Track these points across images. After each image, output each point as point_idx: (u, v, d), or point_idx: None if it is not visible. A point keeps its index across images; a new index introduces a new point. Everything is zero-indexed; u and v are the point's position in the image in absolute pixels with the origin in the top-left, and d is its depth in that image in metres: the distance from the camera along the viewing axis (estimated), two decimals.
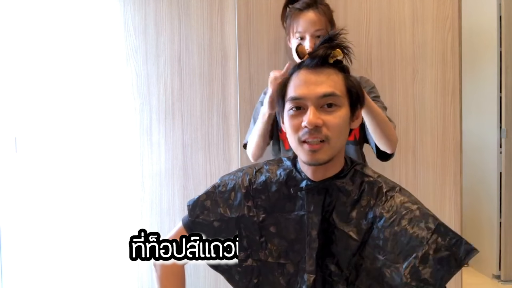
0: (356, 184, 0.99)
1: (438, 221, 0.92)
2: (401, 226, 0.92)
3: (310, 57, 0.97)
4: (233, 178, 1.08)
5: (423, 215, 0.93)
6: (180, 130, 1.93)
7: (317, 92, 0.93)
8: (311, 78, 0.95)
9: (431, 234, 0.90)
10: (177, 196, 1.94)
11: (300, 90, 0.95)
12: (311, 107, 0.93)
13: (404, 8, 1.89)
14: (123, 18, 1.90)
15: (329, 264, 0.97)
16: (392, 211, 0.94)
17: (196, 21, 1.91)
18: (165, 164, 1.93)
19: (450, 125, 1.92)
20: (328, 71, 0.96)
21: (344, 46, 0.97)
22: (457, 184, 1.93)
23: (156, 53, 1.91)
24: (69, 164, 1.93)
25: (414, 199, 0.97)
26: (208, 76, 1.92)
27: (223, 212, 1.05)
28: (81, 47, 1.91)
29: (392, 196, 0.96)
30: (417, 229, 0.91)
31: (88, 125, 1.93)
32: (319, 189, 0.99)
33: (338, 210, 0.98)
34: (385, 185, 0.99)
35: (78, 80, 1.92)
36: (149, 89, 1.92)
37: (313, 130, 0.92)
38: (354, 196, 0.98)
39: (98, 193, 1.94)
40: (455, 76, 1.91)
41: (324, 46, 0.95)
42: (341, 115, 0.95)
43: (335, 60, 0.96)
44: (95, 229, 1.94)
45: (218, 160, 1.94)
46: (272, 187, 1.04)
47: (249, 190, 1.05)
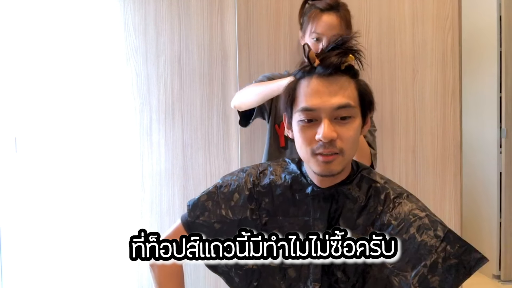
0: (363, 190, 0.97)
1: (447, 229, 0.91)
2: (409, 234, 0.91)
3: (322, 64, 0.92)
4: (236, 179, 1.06)
5: (432, 223, 0.91)
6: (180, 130, 1.92)
7: (332, 103, 0.90)
8: (324, 88, 0.91)
9: (440, 242, 0.89)
10: (177, 196, 1.94)
11: (312, 101, 0.91)
12: (325, 120, 0.90)
13: (404, 8, 1.89)
14: (123, 18, 1.90)
15: (336, 270, 0.95)
16: (400, 218, 0.93)
17: (196, 21, 1.90)
18: (165, 164, 1.93)
19: (450, 125, 1.92)
20: (340, 79, 0.92)
21: (356, 51, 0.93)
22: (457, 184, 1.93)
23: (156, 53, 1.91)
24: (69, 164, 1.93)
25: (422, 206, 0.96)
26: (208, 76, 1.91)
27: (224, 214, 1.03)
28: (81, 47, 1.91)
29: (400, 203, 0.95)
30: (425, 237, 0.90)
31: (88, 125, 1.93)
32: (325, 196, 0.97)
33: (345, 216, 0.96)
34: (392, 191, 0.97)
35: (78, 80, 1.92)
36: (149, 89, 1.92)
37: (327, 144, 0.90)
38: (361, 202, 0.96)
39: (98, 193, 1.94)
40: (455, 76, 1.91)
41: (336, 53, 0.91)
42: (355, 127, 0.92)
43: (346, 66, 0.93)
44: (95, 229, 1.94)
45: (218, 160, 1.94)
46: (277, 190, 1.01)
47: (252, 192, 1.03)
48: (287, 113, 0.99)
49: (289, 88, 0.98)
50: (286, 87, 1.00)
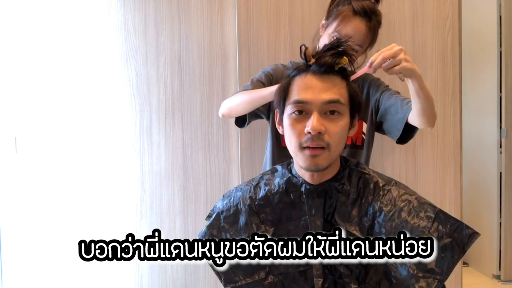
0: (353, 182, 1.01)
1: (437, 209, 0.94)
2: (401, 219, 0.94)
3: (317, 63, 0.98)
4: (233, 200, 1.08)
5: (422, 205, 0.95)
6: (180, 130, 1.92)
7: (323, 98, 0.95)
8: (317, 83, 0.96)
9: (431, 222, 0.92)
10: (177, 196, 1.94)
11: (305, 94, 0.96)
12: (315, 113, 0.94)
13: (404, 8, 1.89)
14: (123, 18, 1.90)
15: (338, 266, 0.98)
16: (390, 204, 0.96)
17: (196, 21, 1.91)
18: (165, 164, 1.93)
19: (450, 125, 1.92)
20: (333, 78, 0.97)
21: (350, 54, 0.99)
22: (457, 184, 1.93)
23: (156, 53, 1.91)
24: (69, 164, 1.93)
25: (410, 191, 0.99)
26: (208, 76, 1.92)
27: (232, 235, 1.05)
28: (81, 47, 1.91)
29: (389, 189, 0.99)
30: (417, 219, 0.93)
31: (88, 125, 1.93)
32: (318, 192, 1.01)
33: (340, 210, 0.99)
34: (380, 179, 1.01)
35: (78, 80, 1.92)
36: (149, 89, 1.92)
37: (315, 136, 0.93)
38: (353, 195, 1.00)
39: (98, 193, 1.94)
40: (455, 76, 1.90)
41: (331, 53, 0.97)
42: (342, 125, 0.96)
43: (340, 67, 0.98)
44: (95, 229, 1.93)
45: (218, 160, 1.94)
46: (274, 199, 1.04)
47: (252, 208, 1.05)
48: (279, 108, 1.03)
49: (283, 85, 1.02)
50: (280, 84, 1.04)
